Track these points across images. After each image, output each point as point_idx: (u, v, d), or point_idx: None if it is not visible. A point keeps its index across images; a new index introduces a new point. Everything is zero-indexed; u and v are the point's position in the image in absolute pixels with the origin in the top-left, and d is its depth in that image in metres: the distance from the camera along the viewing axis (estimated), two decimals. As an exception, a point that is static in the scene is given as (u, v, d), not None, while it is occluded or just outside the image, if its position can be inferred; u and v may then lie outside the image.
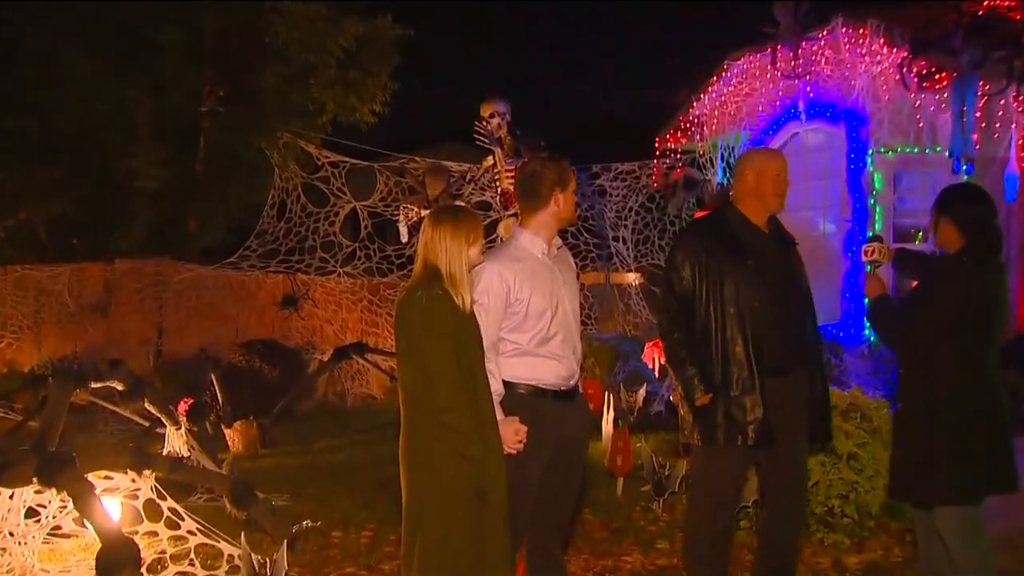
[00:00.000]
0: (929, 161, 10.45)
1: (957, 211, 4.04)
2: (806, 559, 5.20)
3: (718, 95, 12.51)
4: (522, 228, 4.01)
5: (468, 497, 3.49)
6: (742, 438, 3.94)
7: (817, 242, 11.67)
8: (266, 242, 13.05)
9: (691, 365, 3.99)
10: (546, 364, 3.87)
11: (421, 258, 3.66)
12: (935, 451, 3.89)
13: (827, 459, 5.27)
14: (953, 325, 3.89)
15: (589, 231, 13.87)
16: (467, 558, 3.53)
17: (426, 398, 3.52)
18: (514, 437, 3.69)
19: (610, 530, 5.83)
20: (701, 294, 4.03)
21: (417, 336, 3.55)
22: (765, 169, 4.19)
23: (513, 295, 3.80)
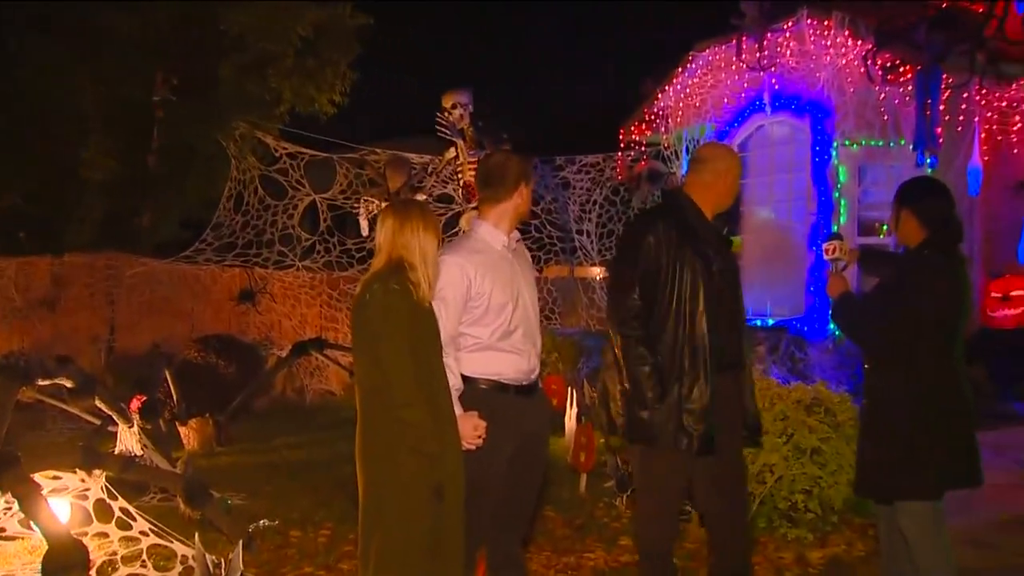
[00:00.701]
0: (893, 154, 10.56)
1: (918, 204, 4.10)
2: (769, 554, 5.26)
3: (683, 87, 12.57)
4: (482, 220, 3.98)
5: (425, 494, 3.49)
6: (687, 443, 3.84)
7: (782, 236, 11.77)
8: (222, 235, 12.92)
9: (647, 364, 3.85)
10: (507, 359, 3.87)
11: (386, 252, 3.63)
12: (901, 447, 3.94)
13: (791, 454, 5.32)
14: (927, 321, 3.94)
15: (553, 224, 13.89)
16: (423, 555, 3.52)
17: (382, 394, 3.52)
18: (473, 433, 3.69)
19: (573, 527, 5.85)
20: (667, 289, 3.89)
21: (373, 331, 3.54)
22: (729, 167, 4.16)
23: (474, 288, 3.79)
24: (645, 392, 3.84)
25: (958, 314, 4.03)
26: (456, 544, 3.61)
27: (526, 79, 23.13)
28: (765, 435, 5.25)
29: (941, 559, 3.98)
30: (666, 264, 3.89)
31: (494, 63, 22.66)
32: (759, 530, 5.47)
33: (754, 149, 12.52)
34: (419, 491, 3.50)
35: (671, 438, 3.85)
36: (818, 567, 5.09)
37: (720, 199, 4.16)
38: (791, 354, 10.66)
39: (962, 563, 5.04)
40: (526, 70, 23.68)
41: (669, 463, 3.95)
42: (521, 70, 23.36)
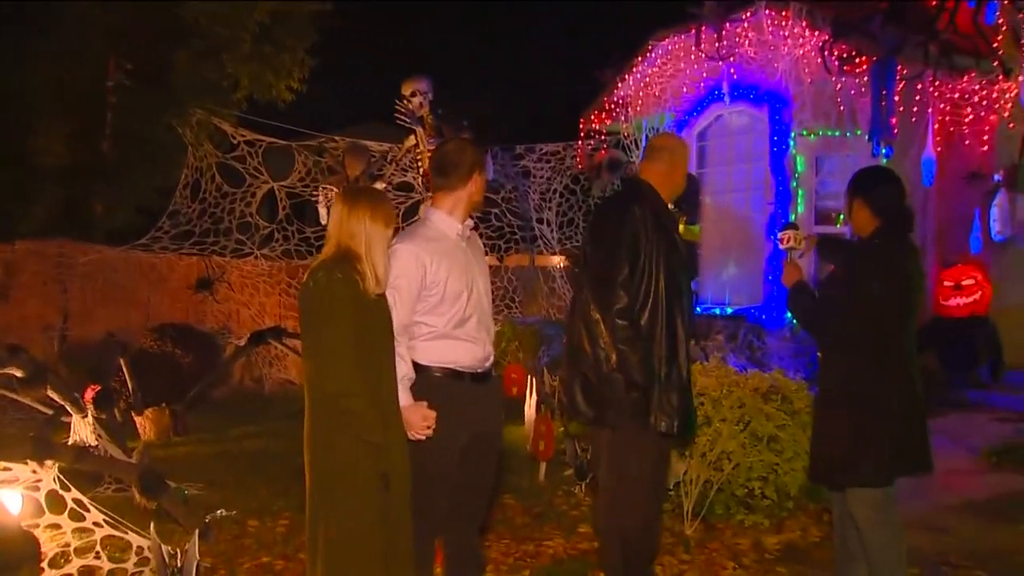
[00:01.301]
0: (850, 144, 10.67)
1: (870, 194, 4.16)
2: (726, 540, 5.31)
3: (643, 76, 12.58)
4: (436, 208, 3.96)
5: (371, 483, 3.47)
6: (667, 425, 3.91)
7: (740, 225, 11.86)
8: (179, 223, 12.75)
9: (639, 344, 3.89)
10: (462, 347, 3.86)
11: (334, 240, 3.59)
12: (854, 434, 3.99)
13: (748, 441, 5.37)
14: (879, 309, 3.99)
15: (513, 213, 13.88)
16: (371, 545, 3.50)
17: (326, 383, 3.49)
18: (422, 423, 3.66)
19: (532, 515, 5.86)
20: (646, 271, 3.93)
21: (316, 319, 3.50)
22: (684, 156, 4.24)
23: (429, 277, 3.77)
24: (637, 376, 3.87)
25: (910, 303, 4.09)
26: (405, 535, 3.59)
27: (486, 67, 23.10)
28: (723, 423, 5.31)
29: (892, 544, 4.05)
30: (646, 250, 3.93)
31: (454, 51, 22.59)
32: (716, 517, 5.52)
33: (713, 139, 12.59)
34: (365, 480, 3.47)
35: (654, 420, 3.91)
36: (774, 552, 5.14)
37: (676, 187, 4.23)
38: (749, 342, 10.76)
39: (914, 547, 5.14)
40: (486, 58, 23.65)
41: (649, 445, 3.98)
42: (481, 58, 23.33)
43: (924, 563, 4.92)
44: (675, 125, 12.63)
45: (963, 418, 9.27)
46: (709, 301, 11.92)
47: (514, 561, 5.04)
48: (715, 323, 11.34)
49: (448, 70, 18.20)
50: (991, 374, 10.50)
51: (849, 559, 4.27)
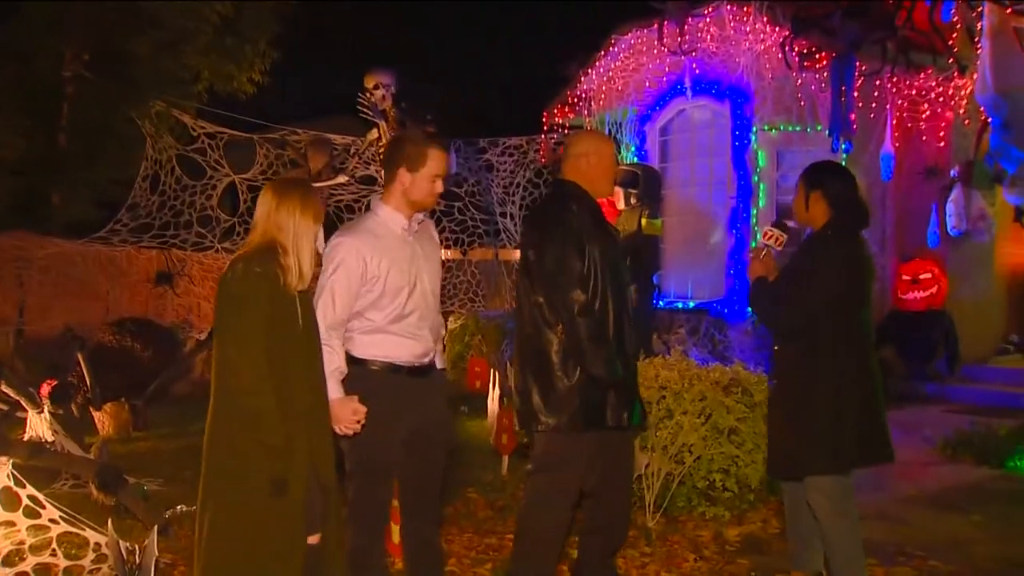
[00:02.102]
0: (810, 139, 10.76)
1: (827, 187, 4.19)
2: (688, 532, 5.34)
3: (605, 70, 12.61)
4: (383, 202, 3.90)
5: (261, 486, 3.34)
6: (615, 418, 3.92)
7: (703, 219, 11.92)
8: (138, 216, 12.58)
9: (605, 345, 3.86)
10: (401, 342, 3.82)
11: (259, 231, 3.47)
12: (811, 424, 4.02)
13: (709, 434, 5.40)
14: (832, 301, 4.03)
15: (476, 207, 13.86)
16: (255, 548, 3.38)
17: (231, 378, 3.37)
18: (351, 417, 3.60)
19: (495, 508, 5.86)
20: (593, 272, 3.90)
21: (229, 313, 3.40)
22: (607, 154, 4.17)
23: (370, 272, 3.73)
24: (603, 372, 3.85)
25: (865, 293, 4.14)
26: (293, 543, 3.45)
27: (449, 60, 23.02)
28: (684, 415, 5.34)
29: (849, 533, 4.10)
30: (589, 249, 3.91)
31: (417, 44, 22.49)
32: (678, 509, 5.55)
33: (675, 133, 12.64)
34: (255, 482, 3.34)
35: (615, 414, 3.91)
36: (735, 544, 5.18)
37: (602, 185, 4.18)
38: (711, 336, 10.84)
39: (871, 538, 5.21)
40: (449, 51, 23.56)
41: (585, 444, 3.96)
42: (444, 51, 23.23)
43: (881, 553, 4.98)
44: (638, 119, 12.67)
45: (920, 410, 9.42)
46: (671, 295, 11.99)
47: (477, 555, 5.03)
48: (677, 317, 11.41)
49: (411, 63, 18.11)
50: (948, 367, 10.66)
51: (803, 548, 4.32)
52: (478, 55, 24.68)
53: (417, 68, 18.87)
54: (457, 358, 11.61)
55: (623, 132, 12.78)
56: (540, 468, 4.08)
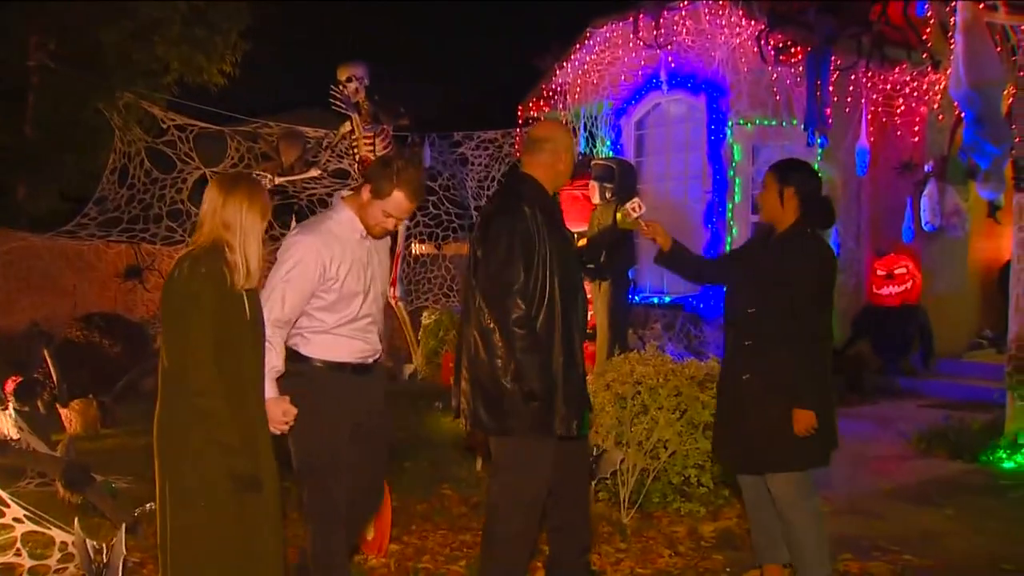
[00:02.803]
0: (786, 134, 10.80)
1: (800, 183, 4.22)
2: (663, 528, 5.35)
3: (581, 63, 12.61)
4: (345, 204, 3.88)
5: (223, 485, 3.30)
6: (567, 428, 3.87)
7: (678, 213, 11.94)
8: (106, 210, 12.46)
9: (537, 352, 3.78)
10: (349, 343, 3.84)
11: (206, 228, 3.41)
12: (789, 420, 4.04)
13: (684, 429, 5.41)
14: (822, 300, 4.09)
15: (451, 201, 13.84)
16: (226, 549, 3.35)
17: (180, 378, 3.31)
18: (281, 417, 3.57)
19: (469, 505, 5.85)
20: (539, 273, 3.84)
21: (177, 314, 3.33)
22: (567, 146, 4.12)
23: (328, 274, 3.71)
24: (537, 386, 3.76)
25: (831, 291, 4.20)
26: (268, 540, 3.44)
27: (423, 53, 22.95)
28: (659, 411, 5.35)
29: (813, 523, 4.13)
30: (539, 251, 3.84)
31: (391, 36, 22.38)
32: (652, 505, 5.56)
33: (651, 127, 12.66)
34: (217, 482, 3.31)
35: (564, 424, 3.86)
36: (710, 540, 5.20)
37: (559, 178, 4.13)
38: (687, 331, 10.87)
39: (846, 532, 5.25)
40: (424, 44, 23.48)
41: (547, 449, 3.92)
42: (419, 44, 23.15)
43: (856, 548, 5.01)
44: (613, 113, 12.68)
45: (894, 405, 9.50)
46: (647, 290, 12.01)
47: (451, 551, 5.02)
48: (653, 312, 11.43)
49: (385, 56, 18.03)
50: (922, 362, 10.76)
51: (770, 542, 4.34)
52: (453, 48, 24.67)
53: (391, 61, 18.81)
54: (431, 353, 11.58)
55: (598, 126, 12.79)
56: (496, 472, 4.05)
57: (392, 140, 11.42)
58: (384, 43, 21.59)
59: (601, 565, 4.77)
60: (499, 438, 3.96)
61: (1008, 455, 6.99)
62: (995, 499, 6.10)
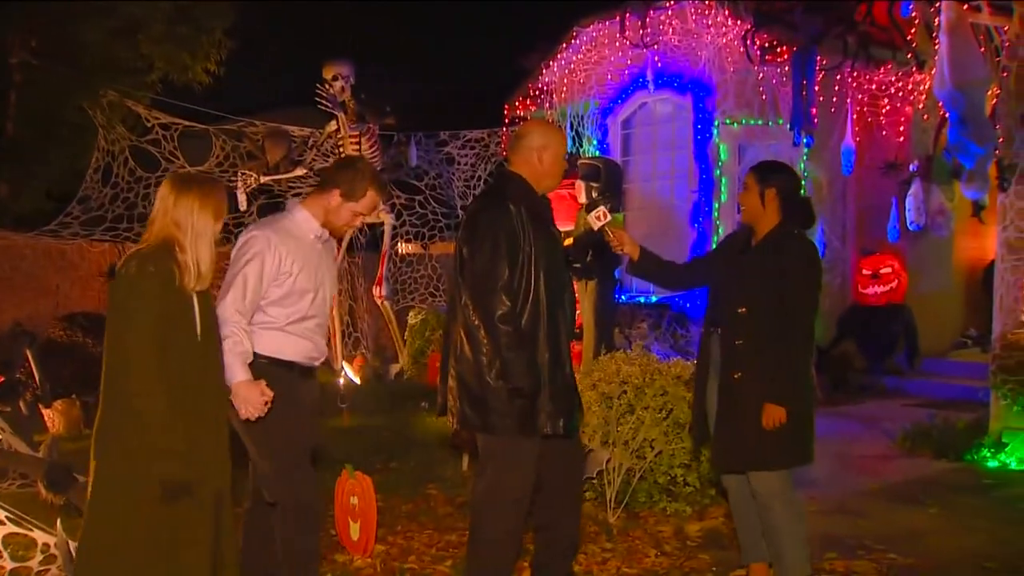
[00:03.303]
0: (772, 133, 10.85)
1: (782, 184, 4.24)
2: (649, 528, 5.36)
3: (567, 63, 12.62)
4: (303, 206, 3.95)
5: (150, 491, 3.26)
6: (554, 426, 3.86)
7: (664, 213, 11.98)
8: (90, 209, 12.40)
9: (523, 349, 3.79)
10: (297, 343, 3.87)
11: (156, 227, 3.39)
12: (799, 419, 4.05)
13: (670, 429, 5.42)
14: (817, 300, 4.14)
15: (437, 200, 13.82)
16: (144, 557, 3.30)
17: (122, 379, 3.27)
18: (260, 399, 3.59)
19: (455, 505, 5.85)
20: (524, 270, 3.85)
21: (122, 313, 3.29)
22: (558, 148, 4.11)
23: (283, 268, 3.76)
24: (523, 383, 3.77)
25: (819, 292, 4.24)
26: (199, 552, 3.39)
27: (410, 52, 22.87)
28: (645, 411, 5.35)
29: (794, 521, 4.15)
30: (524, 249, 3.85)
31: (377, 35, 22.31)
32: (639, 504, 5.57)
33: (637, 126, 12.69)
34: (144, 487, 3.26)
35: (546, 423, 3.86)
36: (696, 539, 5.21)
37: (546, 177, 4.10)
38: (673, 330, 10.90)
39: (832, 531, 5.28)
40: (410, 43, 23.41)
41: (532, 447, 3.92)
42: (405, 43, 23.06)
43: (841, 547, 5.03)
44: (599, 112, 12.70)
45: (880, 404, 9.54)
46: (633, 289, 12.03)
47: (437, 551, 5.01)
48: (639, 311, 11.45)
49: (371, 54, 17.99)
50: (908, 361, 10.81)
51: (755, 540, 4.35)
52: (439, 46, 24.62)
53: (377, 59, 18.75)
54: (418, 353, 11.57)
55: (585, 125, 12.81)
56: (483, 470, 4.05)
57: (378, 139, 11.41)
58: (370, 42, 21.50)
59: (587, 565, 4.77)
60: (485, 436, 3.95)
61: (992, 454, 7.03)
62: (979, 498, 6.13)
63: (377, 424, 8.54)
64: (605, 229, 4.34)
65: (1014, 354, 7.10)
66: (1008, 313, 7.33)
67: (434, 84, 22.33)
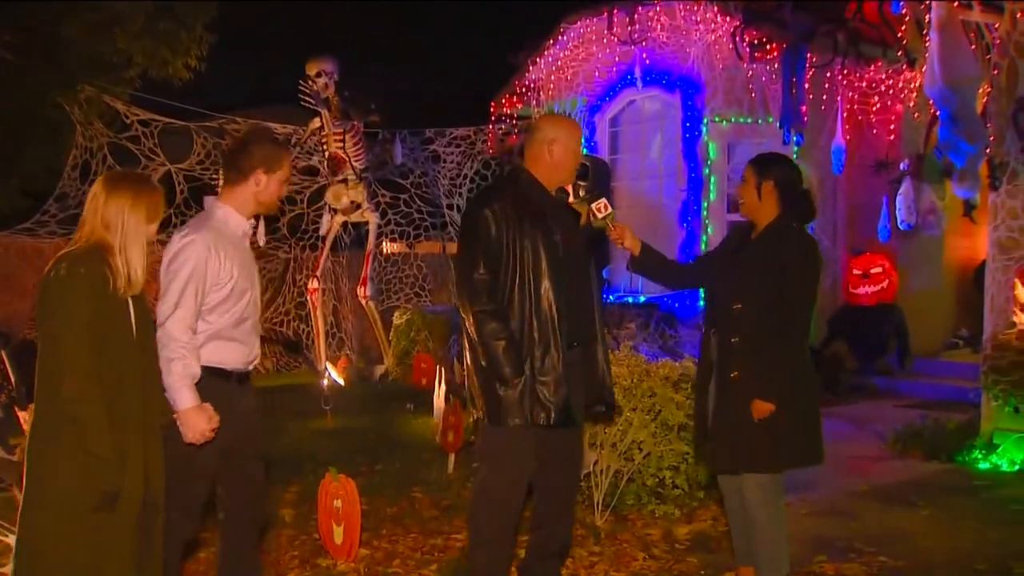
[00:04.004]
0: (761, 131, 10.88)
1: (781, 177, 4.22)
2: (637, 531, 5.36)
3: (554, 59, 12.64)
4: (223, 202, 3.84)
5: (87, 500, 3.20)
6: (545, 417, 3.89)
7: (653, 212, 12.00)
8: (68, 207, 12.32)
9: (502, 338, 3.86)
10: (234, 348, 3.78)
11: (87, 227, 3.33)
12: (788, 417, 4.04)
13: (658, 431, 5.42)
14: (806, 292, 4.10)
15: (423, 199, 13.82)
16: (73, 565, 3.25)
17: (56, 385, 3.19)
18: (207, 426, 3.54)
19: (440, 508, 5.84)
20: (509, 264, 3.93)
21: (53, 317, 3.22)
22: (569, 142, 4.17)
23: (223, 271, 3.67)
24: (503, 368, 3.85)
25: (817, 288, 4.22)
26: (122, 561, 3.34)
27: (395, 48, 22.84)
28: (633, 412, 5.36)
29: (777, 522, 4.18)
30: (506, 239, 3.92)
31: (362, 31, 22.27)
32: (626, 507, 5.58)
33: (625, 124, 12.71)
34: (81, 496, 3.21)
35: (529, 413, 3.89)
36: (684, 542, 5.21)
37: (562, 173, 4.19)
38: (661, 331, 10.92)
39: (822, 533, 5.30)
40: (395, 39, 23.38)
41: (523, 440, 3.96)
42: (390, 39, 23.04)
43: (831, 549, 5.05)
44: (587, 110, 12.72)
45: (871, 405, 9.59)
46: (622, 290, 12.05)
47: (422, 555, 5.01)
48: (627, 311, 11.47)
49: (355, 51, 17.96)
50: (899, 361, 10.86)
51: (749, 547, 4.34)
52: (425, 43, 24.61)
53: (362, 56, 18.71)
54: (403, 354, 11.57)
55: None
56: (480, 460, 4.15)
57: (363, 136, 11.40)
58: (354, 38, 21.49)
59: (574, 568, 4.77)
60: (483, 426, 4.06)
61: (983, 455, 7.07)
62: (971, 499, 6.16)
63: (361, 426, 8.52)
64: (607, 222, 4.34)
65: (1006, 354, 7.13)
66: (999, 313, 7.36)
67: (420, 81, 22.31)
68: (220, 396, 3.66)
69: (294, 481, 6.35)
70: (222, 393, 3.69)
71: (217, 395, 3.65)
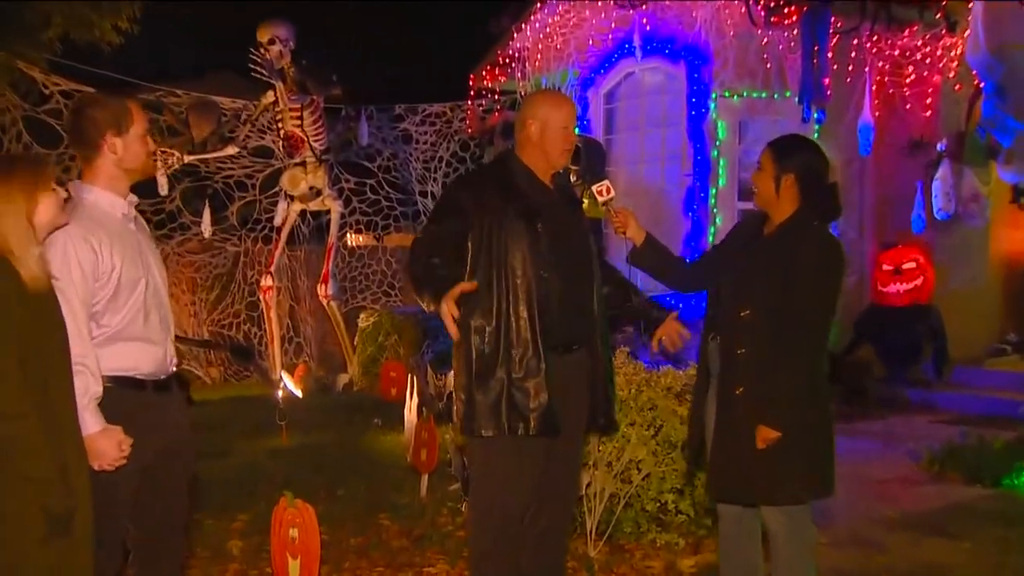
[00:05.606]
0: (777, 107, 10.89)
1: (802, 168, 4.12)
2: (635, 563, 5.38)
3: (542, 26, 12.63)
4: (89, 184, 3.72)
5: (36, 528, 3.16)
6: (523, 426, 3.95)
7: (654, 199, 12.01)
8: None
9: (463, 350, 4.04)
10: (144, 349, 3.69)
11: None
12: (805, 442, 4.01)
13: (660, 448, 5.43)
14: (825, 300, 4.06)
15: (392, 185, 13.80)
16: None
17: None
18: (117, 452, 3.47)
19: (411, 537, 5.84)
20: (483, 257, 3.99)
21: None
22: (550, 120, 4.18)
23: (104, 263, 3.56)
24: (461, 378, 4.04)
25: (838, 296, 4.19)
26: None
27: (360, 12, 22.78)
28: (631, 427, 5.37)
29: (808, 558, 4.16)
30: (482, 225, 4.00)
31: (322, -9, 22.24)
32: (624, 535, 5.59)
33: (623, 100, 12.72)
34: (28, 525, 3.16)
35: (505, 423, 3.95)
36: (689, 576, 5.24)
37: (551, 157, 4.23)
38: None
39: (843, 567, 5.33)
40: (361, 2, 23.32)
41: (506, 452, 4.02)
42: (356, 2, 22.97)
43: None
44: (579, 84, 12.72)
45: (904, 420, 9.61)
46: (619, 287, 12.05)
47: (389, 592, 5.02)
48: (626, 312, 11.47)
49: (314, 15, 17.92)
50: (935, 370, 10.86)
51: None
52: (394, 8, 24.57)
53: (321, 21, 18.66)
54: (369, 361, 11.55)
55: (563, 98, 12.80)
56: (474, 477, 4.26)
57: (323, 113, 11.37)
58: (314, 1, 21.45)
59: (564, 606, 4.79)
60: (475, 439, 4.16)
61: (1033, 478, 7.09)
62: (1018, 530, 6.09)
63: (321, 443, 8.51)
64: (608, 207, 4.36)
65: (1058, 362, 7.14)
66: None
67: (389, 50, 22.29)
68: (134, 411, 3.59)
69: (243, 508, 6.32)
70: (136, 407, 3.62)
71: (130, 410, 3.57)
